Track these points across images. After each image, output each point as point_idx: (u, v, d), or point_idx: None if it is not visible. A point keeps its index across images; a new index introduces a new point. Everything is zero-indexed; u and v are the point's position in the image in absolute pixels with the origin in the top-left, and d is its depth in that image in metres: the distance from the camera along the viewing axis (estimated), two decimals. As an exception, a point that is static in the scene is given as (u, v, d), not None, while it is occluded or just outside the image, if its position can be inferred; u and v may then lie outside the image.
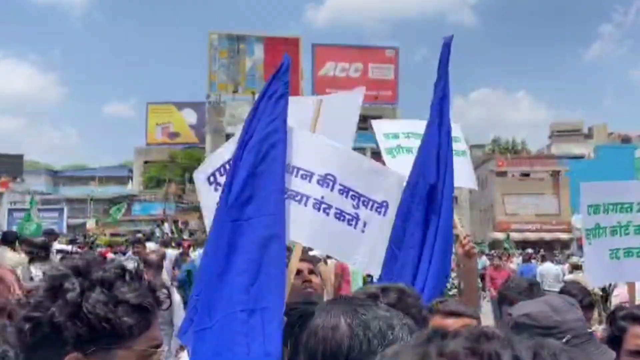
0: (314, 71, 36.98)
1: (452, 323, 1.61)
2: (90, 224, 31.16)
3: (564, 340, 1.33)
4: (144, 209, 35.86)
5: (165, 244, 13.38)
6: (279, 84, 2.11)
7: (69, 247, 10.31)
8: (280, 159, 2.02)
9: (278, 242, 1.88)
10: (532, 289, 2.23)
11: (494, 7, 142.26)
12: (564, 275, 13.54)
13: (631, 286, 2.24)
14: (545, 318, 1.37)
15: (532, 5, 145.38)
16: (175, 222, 26.55)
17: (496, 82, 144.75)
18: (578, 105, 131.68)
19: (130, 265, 1.08)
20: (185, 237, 19.54)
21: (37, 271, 4.95)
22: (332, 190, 2.25)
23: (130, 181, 44.13)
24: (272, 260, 1.84)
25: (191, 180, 41.75)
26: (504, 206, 39.71)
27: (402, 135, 3.64)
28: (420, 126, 3.74)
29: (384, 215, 2.36)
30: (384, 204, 2.36)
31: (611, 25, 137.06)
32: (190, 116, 44.06)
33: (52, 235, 10.61)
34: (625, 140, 48.40)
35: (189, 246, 14.63)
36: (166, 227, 22.81)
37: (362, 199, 2.31)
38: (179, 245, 14.92)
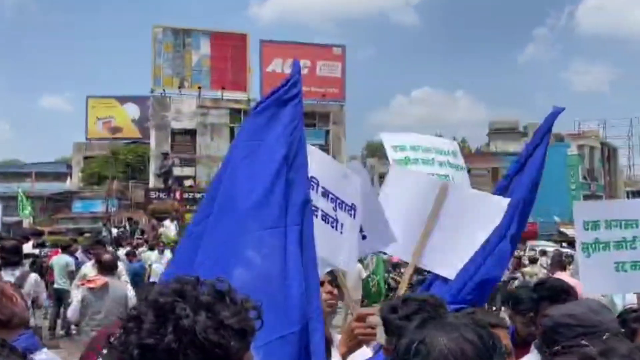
0: (262, 67, 36.83)
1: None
2: (27, 222, 29.80)
3: (603, 337, 1.45)
4: (84, 206, 34.62)
5: (118, 243, 13.02)
6: (295, 90, 2.13)
7: (36, 251, 9.77)
8: (305, 167, 2.04)
9: (312, 251, 1.92)
10: (569, 290, 2.36)
11: (435, 7, 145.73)
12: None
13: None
14: (588, 319, 1.51)
15: (471, 7, 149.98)
16: (130, 219, 25.79)
17: (437, 81, 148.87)
18: (514, 104, 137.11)
19: (223, 285, 1.06)
20: (138, 236, 19.03)
21: (8, 277, 4.76)
22: (317, 192, 2.32)
23: (69, 177, 42.43)
24: (310, 269, 1.87)
25: (134, 177, 40.37)
26: (446, 202, 40.95)
27: (409, 147, 3.83)
28: (427, 140, 3.96)
29: (354, 217, 2.44)
30: (353, 206, 2.44)
31: (544, 28, 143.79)
32: (133, 111, 42.81)
33: (37, 235, 10.15)
34: (558, 138, 51.01)
35: (136, 245, 14.34)
36: (114, 230, 22.09)
37: (338, 201, 2.38)
38: (129, 244, 14.61)
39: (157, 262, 12.53)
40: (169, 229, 19.71)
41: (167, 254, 13.49)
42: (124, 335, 1.01)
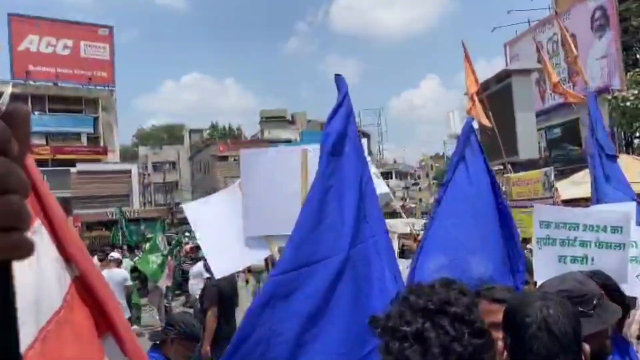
0: (12, 45, 32.08)
1: (496, 309, 1.76)
2: None
3: (594, 302, 1.73)
4: None
5: None
6: (348, 105, 2.21)
7: None
8: (371, 179, 2.15)
9: (394, 258, 2.07)
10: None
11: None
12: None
13: None
14: (579, 290, 1.76)
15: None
16: None
17: (206, 68, 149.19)
18: (281, 93, 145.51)
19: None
20: None
21: None
22: None
23: None
24: (394, 275, 2.00)
25: None
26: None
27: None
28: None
29: None
30: None
31: (304, 23, 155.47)
32: None
33: None
34: (322, 128, 55.94)
35: None
36: None
37: None
38: None
39: None
40: None
41: None
42: (414, 335, 1.06)
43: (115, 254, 9.73)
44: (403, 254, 11.22)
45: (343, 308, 1.79)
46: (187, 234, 23.06)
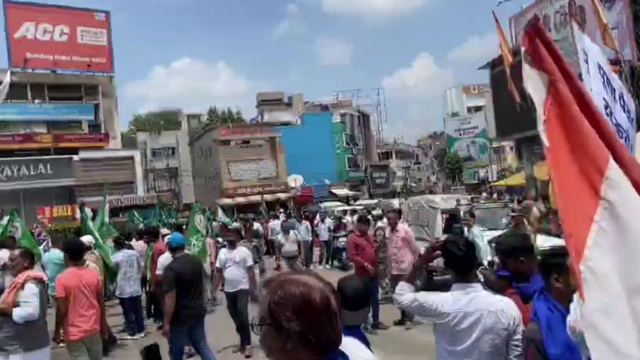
0: (9, 33, 31.58)
1: None
2: None
3: None
4: None
5: None
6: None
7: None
8: None
9: None
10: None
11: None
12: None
13: None
14: None
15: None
16: None
17: (197, 53, 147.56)
18: (273, 76, 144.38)
19: None
20: None
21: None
22: None
23: None
24: None
25: None
26: (229, 173, 41.55)
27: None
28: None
29: None
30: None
31: (295, 4, 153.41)
32: None
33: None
34: (324, 108, 55.67)
35: None
36: None
37: None
38: None
39: None
40: None
41: None
42: None
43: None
44: (449, 229, 11.02)
45: None
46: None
